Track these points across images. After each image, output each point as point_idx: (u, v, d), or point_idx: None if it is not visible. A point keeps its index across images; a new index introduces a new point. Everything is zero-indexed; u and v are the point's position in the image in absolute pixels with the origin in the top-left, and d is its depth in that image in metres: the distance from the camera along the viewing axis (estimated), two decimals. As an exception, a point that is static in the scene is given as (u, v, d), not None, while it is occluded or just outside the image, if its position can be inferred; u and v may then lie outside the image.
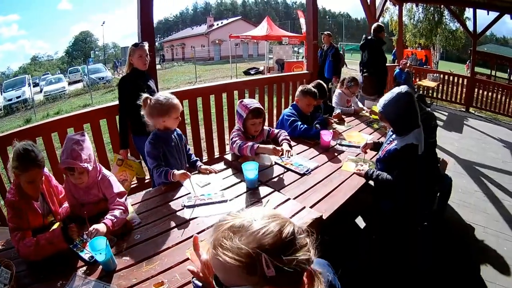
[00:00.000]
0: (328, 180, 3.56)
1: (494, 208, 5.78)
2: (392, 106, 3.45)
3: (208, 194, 3.13)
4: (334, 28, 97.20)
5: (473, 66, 14.35)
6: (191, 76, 28.92)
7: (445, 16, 26.89)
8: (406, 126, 3.49)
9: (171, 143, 3.58)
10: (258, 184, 3.35)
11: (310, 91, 4.99)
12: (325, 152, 4.35)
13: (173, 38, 77.71)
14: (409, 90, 3.45)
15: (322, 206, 3.02)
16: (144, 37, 5.07)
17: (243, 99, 4.18)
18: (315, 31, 8.11)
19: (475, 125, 11.52)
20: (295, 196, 3.17)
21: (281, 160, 3.89)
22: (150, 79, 4.95)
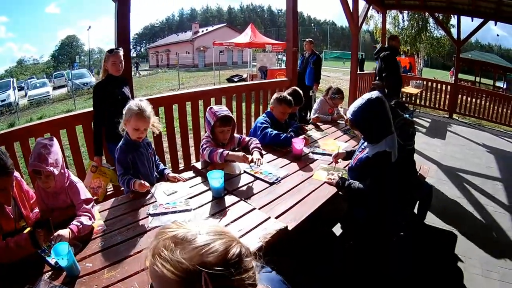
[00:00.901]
0: (297, 190, 3.45)
1: (477, 215, 5.68)
2: (362, 113, 3.27)
3: (173, 202, 3.06)
4: (319, 36, 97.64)
5: (457, 73, 14.34)
6: (174, 83, 28.93)
7: (429, 23, 26.99)
8: (378, 134, 3.31)
9: (141, 151, 3.49)
10: (224, 193, 3.27)
11: (285, 99, 4.91)
12: (296, 160, 4.24)
13: (158, 44, 77.74)
14: (380, 95, 3.28)
15: (288, 216, 2.93)
16: (120, 44, 4.99)
17: (213, 106, 4.13)
18: (295, 38, 8.05)
19: (459, 131, 11.43)
20: (261, 206, 3.09)
21: (250, 168, 3.78)
22: (125, 85, 4.88)
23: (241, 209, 2.99)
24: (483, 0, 11.17)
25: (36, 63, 73.05)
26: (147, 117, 3.34)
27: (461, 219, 5.46)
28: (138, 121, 3.30)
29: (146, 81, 34.67)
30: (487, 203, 6.08)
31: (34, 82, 33.18)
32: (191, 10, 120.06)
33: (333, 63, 53.77)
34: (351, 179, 3.52)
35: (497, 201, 6.23)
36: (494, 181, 7.18)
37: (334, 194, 3.42)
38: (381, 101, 3.25)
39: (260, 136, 4.63)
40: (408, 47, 28.24)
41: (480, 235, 5.03)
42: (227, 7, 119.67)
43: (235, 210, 2.98)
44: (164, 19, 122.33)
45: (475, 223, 5.42)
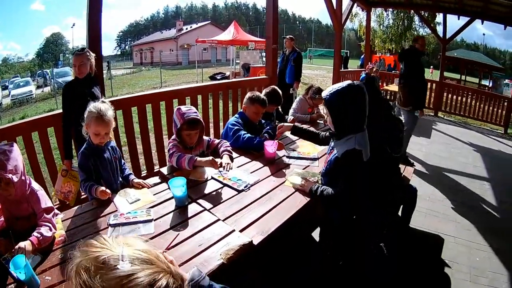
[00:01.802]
0: (267, 198, 3.18)
1: (465, 216, 5.48)
2: (339, 96, 2.99)
3: (134, 212, 2.85)
4: (304, 34, 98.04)
5: (442, 71, 14.21)
6: (157, 81, 28.84)
7: (415, 21, 26.92)
8: (348, 126, 3.04)
9: (104, 156, 3.33)
10: (188, 202, 3.05)
11: (258, 98, 4.66)
12: (269, 164, 3.97)
13: (142, 42, 77.51)
14: (362, 85, 3.02)
15: (255, 229, 2.70)
16: (91, 43, 4.88)
17: (181, 106, 3.85)
18: (275, 36, 7.79)
19: (444, 130, 11.29)
20: (227, 216, 2.85)
21: (219, 174, 3.55)
22: (96, 85, 4.69)
23: (204, 221, 2.77)
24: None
25: (21, 61, 72.62)
26: (107, 121, 3.19)
27: (447, 222, 5.27)
28: (98, 126, 3.16)
29: (129, 79, 34.71)
30: (473, 204, 5.90)
31: (17, 81, 33.03)
32: (176, 8, 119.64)
33: (317, 60, 53.83)
34: (324, 184, 3.26)
35: (485, 201, 6.06)
36: (481, 180, 7.01)
37: (307, 203, 3.15)
38: (362, 92, 2.98)
39: (232, 139, 4.42)
40: (393, 45, 28.12)
41: (468, 238, 4.84)
42: (212, 5, 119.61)
43: (197, 222, 2.76)
44: (149, 16, 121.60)
45: (462, 225, 5.21)
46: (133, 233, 2.56)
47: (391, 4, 14.30)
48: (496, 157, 8.71)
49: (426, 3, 12.90)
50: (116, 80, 34.05)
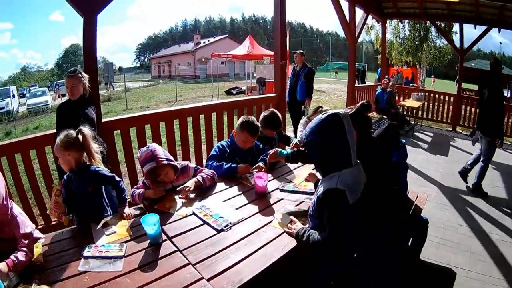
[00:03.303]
0: (248, 241, 2.86)
1: (480, 245, 5.09)
2: (312, 136, 2.68)
3: (108, 245, 2.74)
4: (322, 47, 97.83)
5: (460, 83, 13.78)
6: (173, 94, 28.71)
7: (431, 32, 26.43)
8: (329, 164, 2.71)
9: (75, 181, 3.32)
10: (163, 240, 2.85)
11: (248, 126, 4.24)
12: (260, 198, 3.62)
13: (160, 55, 78.42)
14: (337, 115, 2.64)
15: (224, 279, 2.42)
16: (87, 62, 4.90)
17: (154, 146, 3.64)
18: (283, 51, 7.60)
19: (463, 146, 10.75)
20: (199, 260, 2.59)
21: (201, 209, 3.29)
22: (90, 106, 4.65)
23: (174, 263, 2.56)
24: (486, 7, 10.74)
25: (40, 71, 73.74)
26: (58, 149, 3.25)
27: (461, 252, 4.89)
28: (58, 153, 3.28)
29: (145, 93, 34.97)
30: (491, 231, 5.50)
31: (34, 91, 33.63)
32: (194, 21, 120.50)
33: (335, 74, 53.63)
34: (312, 227, 2.87)
35: (503, 227, 5.65)
36: (500, 202, 6.59)
37: (293, 248, 2.81)
38: (336, 123, 2.61)
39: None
40: (410, 57, 27.67)
41: (482, 272, 4.46)
42: (230, 18, 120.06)
43: (167, 263, 2.57)
44: (167, 30, 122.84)
45: (477, 256, 4.82)
46: (102, 268, 2.48)
47: (406, 15, 13.97)
48: (515, 175, 8.17)
49: (441, 13, 12.58)
50: (132, 92, 34.69)
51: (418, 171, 8.07)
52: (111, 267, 2.48)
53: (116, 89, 36.33)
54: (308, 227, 2.89)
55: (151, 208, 3.31)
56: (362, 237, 3.02)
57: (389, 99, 11.82)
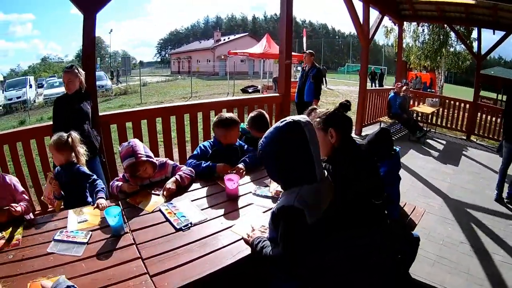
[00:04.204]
0: (203, 243, 2.80)
1: (479, 266, 4.73)
2: (268, 147, 2.39)
3: (76, 232, 2.91)
4: (344, 49, 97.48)
5: (477, 90, 13.34)
6: (189, 90, 28.88)
7: (450, 37, 26.01)
8: (290, 179, 2.42)
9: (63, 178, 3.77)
10: (125, 232, 2.90)
11: (219, 121, 4.20)
12: (230, 201, 3.50)
13: (180, 51, 78.77)
14: (302, 121, 2.35)
15: (168, 277, 2.41)
16: (85, 58, 5.13)
17: (135, 143, 3.70)
18: (289, 50, 7.35)
19: (475, 156, 10.36)
20: (150, 255, 2.62)
21: (167, 206, 3.30)
22: (85, 100, 4.88)
23: (127, 255, 2.62)
24: (505, 11, 10.37)
25: (60, 62, 74.50)
26: (52, 148, 3.77)
27: (458, 273, 4.56)
28: (53, 151, 3.80)
29: (162, 88, 35.40)
30: (494, 251, 5.13)
31: (52, 81, 33.91)
32: (216, 18, 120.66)
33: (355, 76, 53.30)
34: (270, 239, 2.62)
35: (507, 247, 5.26)
36: (507, 220, 6.18)
37: (245, 257, 2.66)
38: (296, 130, 2.32)
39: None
40: (428, 61, 27.25)
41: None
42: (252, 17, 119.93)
43: (121, 255, 2.63)
44: (189, 26, 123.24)
45: (475, 279, 4.47)
46: (66, 251, 2.64)
47: (424, 18, 13.63)
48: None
49: (459, 16, 12.24)
50: (149, 87, 35.39)
51: (424, 181, 7.76)
52: (73, 252, 2.62)
53: (134, 83, 36.37)
54: (266, 237, 2.68)
55: (124, 201, 3.39)
56: (342, 244, 2.69)
57: (402, 103, 11.53)
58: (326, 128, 2.80)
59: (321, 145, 2.61)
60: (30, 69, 65.52)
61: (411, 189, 7.24)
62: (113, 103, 24.95)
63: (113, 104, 23.95)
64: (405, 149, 10.27)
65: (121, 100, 26.00)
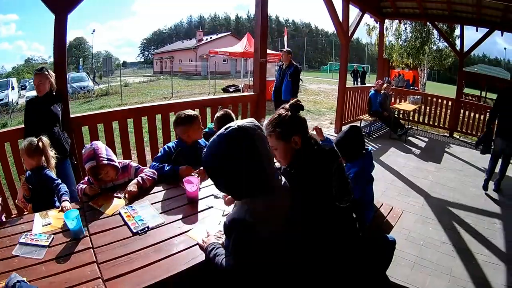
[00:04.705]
0: (157, 249, 2.72)
1: (463, 267, 4.56)
2: (215, 156, 2.15)
3: (39, 235, 2.86)
4: (327, 47, 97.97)
5: (459, 87, 13.33)
6: (170, 90, 28.86)
7: (433, 35, 26.04)
8: (239, 192, 2.21)
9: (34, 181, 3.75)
10: (84, 235, 2.86)
11: (179, 119, 4.17)
12: (190, 204, 3.41)
13: (162, 51, 78.91)
14: (249, 126, 2.11)
15: (121, 282, 2.35)
16: (56, 59, 5.01)
17: (97, 145, 3.63)
18: (264, 49, 7.26)
19: (458, 153, 10.24)
20: (105, 260, 2.56)
21: (126, 209, 3.22)
22: (55, 103, 4.83)
23: (82, 259, 2.57)
24: (488, 8, 10.31)
25: (43, 63, 73.83)
26: (22, 154, 3.79)
27: (439, 275, 4.38)
28: (24, 157, 3.78)
29: (144, 88, 35.24)
30: (478, 250, 4.97)
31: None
32: (199, 18, 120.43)
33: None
34: (226, 246, 2.45)
35: (492, 246, 5.11)
36: (491, 218, 6.04)
37: (197, 264, 2.56)
38: (242, 138, 2.07)
39: None
40: (410, 59, 27.27)
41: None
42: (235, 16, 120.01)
43: (78, 258, 2.59)
44: (172, 26, 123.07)
45: (457, 281, 4.30)
46: (29, 254, 2.62)
47: (406, 15, 13.54)
48: (512, 188, 7.63)
49: (442, 13, 12.15)
50: (131, 88, 35.40)
51: (405, 179, 7.60)
52: (35, 255, 2.60)
53: (116, 84, 36.15)
54: (222, 243, 2.56)
55: (86, 204, 3.35)
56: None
57: (383, 101, 11.42)
58: (287, 137, 2.58)
59: (282, 154, 2.60)
60: (14, 71, 65.08)
61: (391, 188, 7.08)
62: (94, 104, 24.66)
63: (94, 106, 23.64)
64: (385, 147, 10.21)
65: (102, 101, 25.80)
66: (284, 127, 2.57)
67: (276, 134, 2.59)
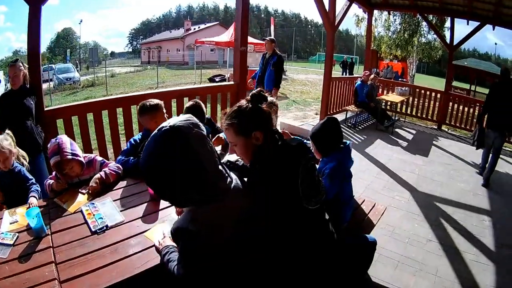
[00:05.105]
0: (115, 249, 2.61)
1: (449, 267, 4.32)
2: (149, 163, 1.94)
3: (5, 233, 2.78)
4: (316, 38, 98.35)
5: (449, 79, 13.06)
6: (157, 80, 28.62)
7: (422, 26, 25.99)
8: (178, 200, 2.05)
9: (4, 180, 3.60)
10: (46, 234, 2.75)
11: (143, 108, 4.11)
12: (153, 202, 3.27)
13: (150, 41, 78.67)
14: (183, 126, 1.90)
15: (77, 284, 2.28)
16: (30, 51, 4.79)
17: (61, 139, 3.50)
18: (244, 37, 6.97)
19: (446, 146, 10.01)
20: (63, 260, 2.48)
21: (87, 207, 3.10)
22: (29, 96, 4.68)
23: (42, 259, 2.48)
24: (480, 1, 10.10)
25: None
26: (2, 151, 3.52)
27: (424, 275, 4.14)
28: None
29: (130, 78, 35.00)
30: (466, 249, 4.73)
31: None
32: (188, 7, 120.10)
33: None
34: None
35: (480, 244, 4.88)
36: (480, 214, 5.81)
37: (153, 267, 2.45)
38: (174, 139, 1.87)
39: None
40: (399, 51, 27.17)
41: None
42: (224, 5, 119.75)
43: (38, 258, 2.50)
44: (161, 15, 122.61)
45: (443, 281, 4.06)
46: None
47: (395, 6, 13.36)
48: (503, 182, 7.41)
49: (432, 5, 11.95)
50: (117, 78, 35.17)
51: (391, 173, 7.35)
52: (0, 254, 2.54)
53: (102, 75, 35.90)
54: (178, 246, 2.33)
55: (51, 201, 3.27)
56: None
57: (370, 92, 11.26)
58: (247, 132, 2.32)
59: (243, 150, 2.38)
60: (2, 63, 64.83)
61: (375, 181, 6.83)
62: (80, 95, 24.46)
63: (79, 97, 23.42)
64: (371, 138, 10.00)
65: (87, 92, 25.61)
66: (244, 121, 2.32)
67: (234, 129, 2.34)
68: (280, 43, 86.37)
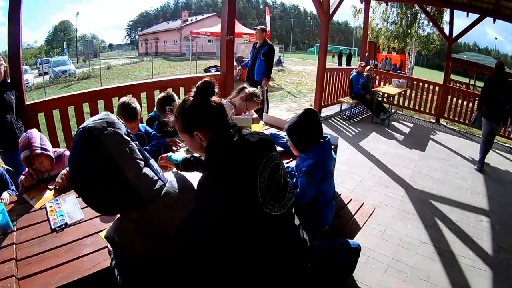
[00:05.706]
0: (70, 248, 2.57)
1: (443, 272, 4.04)
2: (70, 165, 1.81)
3: None
4: (315, 30, 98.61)
5: (447, 72, 12.82)
6: (153, 71, 28.73)
7: (420, 18, 25.77)
8: (100, 206, 1.88)
9: None
10: (11, 230, 2.76)
11: (124, 110, 3.95)
12: None
13: (147, 32, 78.52)
14: (95, 127, 1.71)
15: (34, 282, 2.25)
16: (10, 44, 4.76)
17: (31, 133, 3.51)
18: (231, 26, 6.80)
19: (444, 141, 9.71)
20: (23, 257, 2.46)
21: (51, 204, 3.08)
22: (9, 90, 4.64)
23: (3, 256, 2.48)
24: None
25: (29, 48, 73.57)
26: None
27: (416, 281, 3.86)
28: None
29: (126, 70, 35.17)
30: (462, 253, 4.44)
31: None
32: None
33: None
34: None
35: (477, 248, 4.59)
36: (478, 215, 5.52)
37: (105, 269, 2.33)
38: (87, 141, 1.70)
39: None
40: (397, 42, 26.93)
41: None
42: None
43: (1, 255, 2.49)
44: (159, 7, 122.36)
45: (436, 286, 3.80)
46: None
47: (393, -4, 13.10)
48: (502, 180, 7.12)
49: (431, -5, 11.59)
50: (113, 70, 35.37)
51: (385, 168, 7.06)
52: None
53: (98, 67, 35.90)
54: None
55: (21, 196, 3.29)
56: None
57: (365, 83, 11.04)
58: (189, 131, 2.12)
59: (191, 146, 2.21)
60: (-2, 56, 65.22)
61: (368, 177, 6.53)
62: (74, 88, 24.47)
63: (73, 89, 23.35)
64: (366, 131, 9.76)
65: (82, 85, 25.69)
66: (185, 119, 2.11)
67: (178, 126, 2.17)
68: (279, 34, 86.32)
